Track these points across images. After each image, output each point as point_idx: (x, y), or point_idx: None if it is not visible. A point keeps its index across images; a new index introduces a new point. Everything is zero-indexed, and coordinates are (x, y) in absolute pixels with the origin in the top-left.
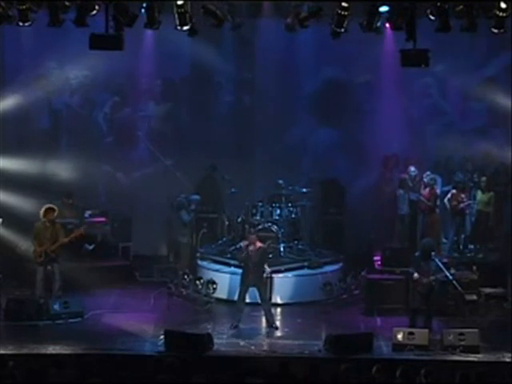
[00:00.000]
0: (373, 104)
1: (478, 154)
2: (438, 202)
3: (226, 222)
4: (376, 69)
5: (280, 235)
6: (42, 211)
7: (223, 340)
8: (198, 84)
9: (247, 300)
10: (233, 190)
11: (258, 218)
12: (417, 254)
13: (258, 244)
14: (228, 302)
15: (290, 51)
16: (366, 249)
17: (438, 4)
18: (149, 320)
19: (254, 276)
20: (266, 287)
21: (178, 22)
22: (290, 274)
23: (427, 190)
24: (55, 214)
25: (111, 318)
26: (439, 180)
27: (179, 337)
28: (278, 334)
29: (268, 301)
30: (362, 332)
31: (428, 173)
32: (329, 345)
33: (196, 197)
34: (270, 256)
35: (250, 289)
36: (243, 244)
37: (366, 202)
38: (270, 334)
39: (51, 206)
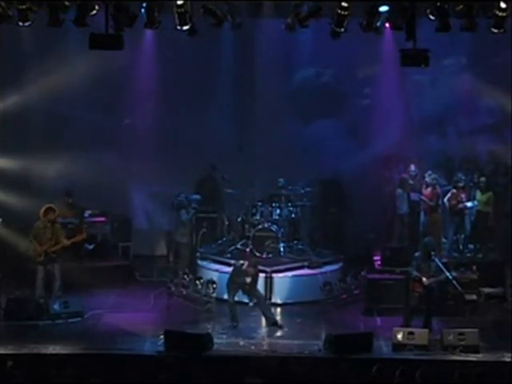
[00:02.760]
0: (373, 103)
1: (481, 153)
2: (440, 202)
3: (226, 222)
4: (377, 67)
5: (280, 235)
6: (41, 211)
7: (223, 340)
8: (197, 84)
9: (247, 300)
10: (232, 190)
11: (257, 217)
12: (417, 254)
13: (252, 269)
14: (228, 301)
15: (290, 50)
16: (365, 249)
17: (438, 4)
18: (149, 320)
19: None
20: (255, 288)
21: (177, 22)
22: (289, 274)
23: (429, 189)
24: (55, 214)
25: (111, 317)
26: (440, 180)
27: (179, 337)
28: (278, 333)
29: (263, 301)
30: (362, 332)
31: (429, 172)
32: (329, 344)
33: (197, 196)
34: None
35: None
36: (239, 264)
37: (366, 202)
38: (269, 334)
39: (51, 206)
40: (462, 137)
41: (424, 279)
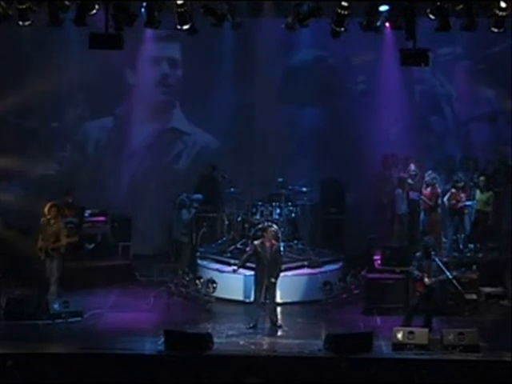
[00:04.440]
0: (373, 102)
1: (481, 152)
2: (440, 201)
3: (226, 222)
4: (376, 66)
5: (280, 235)
6: (46, 208)
7: (223, 339)
8: (197, 84)
9: (247, 300)
10: (232, 189)
11: (257, 217)
12: (417, 254)
13: (273, 241)
14: (228, 301)
15: (290, 50)
16: (365, 248)
17: (438, 3)
18: (149, 320)
19: (269, 274)
20: (275, 286)
21: (177, 22)
22: (289, 274)
23: (429, 189)
24: (58, 211)
25: (111, 317)
26: (439, 179)
27: (179, 336)
28: (278, 333)
29: (274, 300)
30: (362, 331)
31: (429, 172)
32: (329, 344)
33: (199, 196)
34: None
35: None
36: (258, 242)
37: (366, 202)
38: (269, 334)
39: (55, 203)
40: (466, 134)
41: (426, 279)
